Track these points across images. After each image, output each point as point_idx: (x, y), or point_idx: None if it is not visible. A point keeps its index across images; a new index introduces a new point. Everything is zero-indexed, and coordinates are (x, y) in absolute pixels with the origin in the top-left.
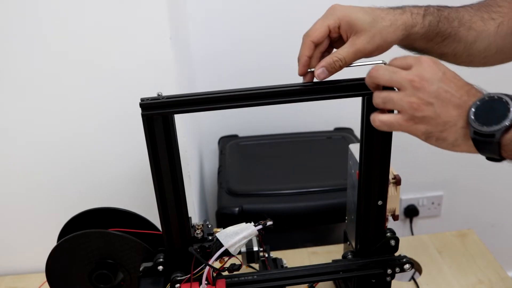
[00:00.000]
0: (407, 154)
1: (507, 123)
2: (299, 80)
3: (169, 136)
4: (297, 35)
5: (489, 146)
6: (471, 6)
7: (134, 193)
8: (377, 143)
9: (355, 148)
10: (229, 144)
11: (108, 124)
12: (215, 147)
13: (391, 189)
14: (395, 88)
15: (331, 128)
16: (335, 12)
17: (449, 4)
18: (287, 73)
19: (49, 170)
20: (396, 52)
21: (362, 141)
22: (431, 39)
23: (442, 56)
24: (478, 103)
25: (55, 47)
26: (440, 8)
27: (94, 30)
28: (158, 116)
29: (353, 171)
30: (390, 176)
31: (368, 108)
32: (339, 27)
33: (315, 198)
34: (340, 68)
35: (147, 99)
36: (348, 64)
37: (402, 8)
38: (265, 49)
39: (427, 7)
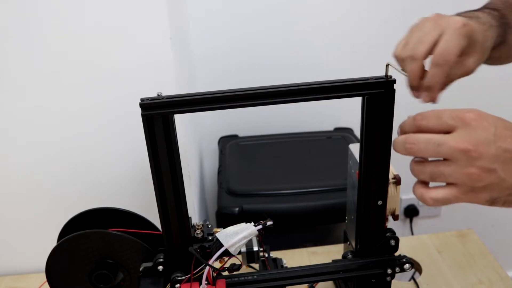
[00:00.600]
0: None
1: None
2: (299, 80)
3: (169, 136)
4: (297, 34)
5: None
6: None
7: (134, 193)
8: (377, 143)
9: (355, 148)
10: (229, 144)
11: (108, 124)
12: (215, 147)
13: (391, 189)
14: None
15: (331, 128)
16: (465, 32)
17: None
18: (287, 73)
19: (49, 170)
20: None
21: (362, 141)
22: (494, 49)
23: (487, 60)
24: None
25: (55, 47)
26: (502, 15)
27: (94, 30)
28: (158, 116)
29: (353, 171)
30: (390, 176)
31: (368, 108)
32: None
33: (315, 198)
34: (443, 90)
35: (147, 99)
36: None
37: (485, 22)
38: (265, 49)
39: (495, 12)
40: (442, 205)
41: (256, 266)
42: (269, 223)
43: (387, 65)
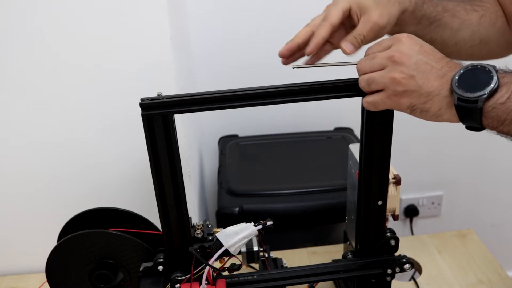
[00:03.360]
0: (407, 154)
1: (489, 89)
2: (299, 80)
3: (169, 136)
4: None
5: (471, 113)
6: None
7: (134, 193)
8: (377, 143)
9: (355, 148)
10: (229, 144)
11: (108, 124)
12: (215, 147)
13: (391, 189)
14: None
15: (331, 128)
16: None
17: None
18: (288, 73)
19: (49, 170)
20: None
21: (362, 141)
22: (419, 21)
23: (432, 42)
24: (461, 71)
25: (55, 47)
26: None
27: (94, 30)
28: (158, 116)
29: (353, 171)
30: (390, 176)
31: None
32: (349, 11)
33: (315, 198)
34: (361, 43)
35: (147, 99)
36: (367, 40)
37: None
38: (266, 49)
39: None
40: (376, 109)
41: (256, 266)
42: (269, 223)
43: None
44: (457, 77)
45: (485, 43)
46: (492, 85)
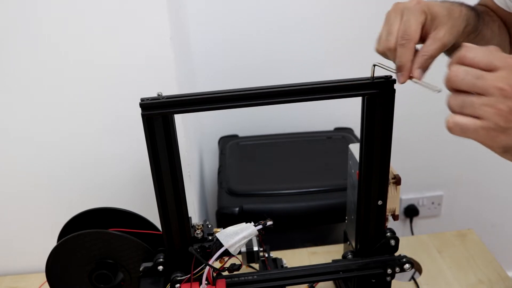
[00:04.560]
0: (407, 154)
1: None
2: (299, 80)
3: (169, 136)
4: (297, 34)
5: None
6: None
7: (134, 193)
8: (377, 143)
9: (355, 148)
10: (229, 144)
11: (108, 124)
12: (215, 147)
13: (391, 189)
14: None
15: (331, 128)
16: (420, 7)
17: None
18: (288, 73)
19: (49, 170)
20: None
21: (362, 141)
22: (468, 35)
23: None
24: None
25: (55, 48)
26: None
27: (94, 30)
28: (158, 116)
29: (353, 171)
30: (390, 176)
31: (368, 108)
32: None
33: (315, 198)
34: (430, 65)
35: (147, 99)
36: (434, 59)
37: (457, 2)
38: (266, 49)
39: (462, 2)
40: (461, 135)
41: (256, 266)
42: (269, 223)
43: (374, 66)
44: None
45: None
46: None
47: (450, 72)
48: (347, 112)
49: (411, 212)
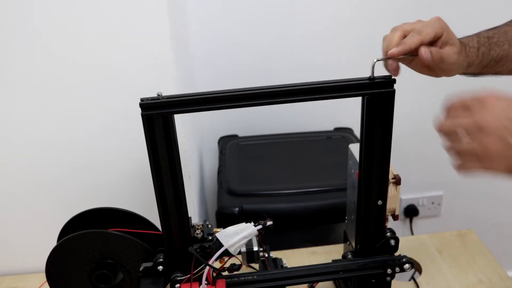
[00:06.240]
0: (407, 154)
1: None
2: (299, 80)
3: (169, 136)
4: (297, 35)
5: None
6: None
7: (134, 193)
8: (377, 143)
9: (355, 148)
10: (229, 144)
11: (108, 124)
12: (215, 147)
13: (391, 189)
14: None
15: (331, 128)
16: (441, 24)
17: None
18: (287, 73)
19: (49, 170)
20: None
21: (362, 141)
22: (485, 65)
23: (497, 74)
24: None
25: (55, 47)
26: (489, 35)
27: (94, 31)
28: (158, 116)
29: (353, 171)
30: (390, 176)
31: (368, 108)
32: (439, 37)
33: (315, 198)
34: (435, 60)
35: (147, 99)
36: (437, 61)
37: (461, 39)
38: (266, 48)
39: (478, 38)
40: (472, 173)
41: (256, 266)
42: (269, 223)
43: (376, 61)
44: None
45: None
46: None
47: (439, 125)
48: (347, 112)
49: (411, 212)
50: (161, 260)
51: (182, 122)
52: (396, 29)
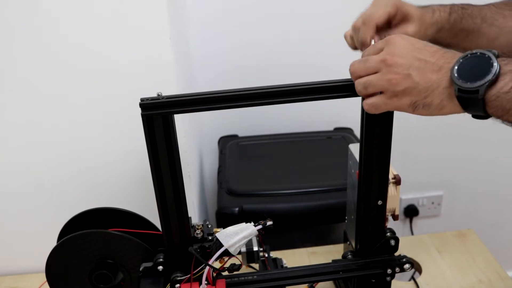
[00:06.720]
0: (407, 154)
1: (490, 78)
2: (299, 80)
3: (169, 136)
4: (297, 34)
5: (474, 103)
6: (494, 4)
7: (134, 193)
8: (377, 143)
9: (355, 148)
10: (229, 144)
11: (108, 124)
12: (215, 147)
13: (391, 189)
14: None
15: (331, 128)
16: (392, 2)
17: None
18: (287, 73)
19: (50, 170)
20: None
21: (362, 141)
22: (455, 34)
23: (466, 50)
24: (461, 60)
25: (55, 47)
26: (464, 6)
27: (94, 31)
28: (158, 116)
29: (353, 171)
30: (390, 176)
31: None
32: (394, 15)
33: (315, 198)
34: None
35: (147, 99)
36: None
37: (431, 7)
38: (266, 48)
39: (452, 5)
40: (377, 111)
41: (256, 266)
42: (269, 223)
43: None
44: (456, 67)
45: None
46: (492, 74)
47: (351, 65)
48: (347, 112)
49: (411, 212)
50: (161, 260)
51: (182, 122)
52: (353, 26)
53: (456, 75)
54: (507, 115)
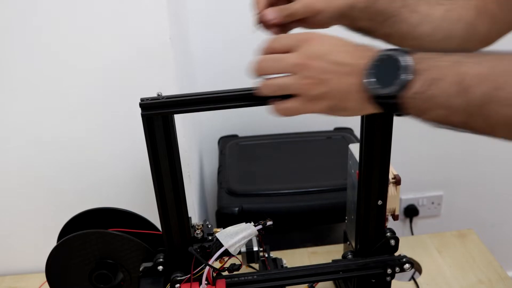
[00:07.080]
0: (407, 154)
1: (401, 82)
2: None
3: (169, 136)
4: None
5: (391, 106)
6: None
7: (134, 193)
8: (377, 143)
9: (355, 148)
10: (229, 144)
11: (108, 124)
12: (215, 147)
13: (391, 189)
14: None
15: (331, 128)
16: None
17: None
18: None
19: (50, 170)
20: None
21: (362, 141)
22: (372, 17)
23: (388, 37)
24: (370, 64)
25: (55, 47)
26: None
27: (94, 30)
28: (158, 116)
29: (353, 171)
30: (390, 176)
31: None
32: None
33: (315, 198)
34: (287, 17)
35: (147, 99)
36: (295, 16)
37: None
38: None
39: None
40: (292, 115)
41: (256, 266)
42: (269, 223)
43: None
44: (367, 73)
45: (449, 38)
46: (403, 77)
47: (256, 62)
48: None
49: (411, 212)
50: (161, 260)
51: (182, 122)
52: None
53: (366, 81)
54: (424, 115)
